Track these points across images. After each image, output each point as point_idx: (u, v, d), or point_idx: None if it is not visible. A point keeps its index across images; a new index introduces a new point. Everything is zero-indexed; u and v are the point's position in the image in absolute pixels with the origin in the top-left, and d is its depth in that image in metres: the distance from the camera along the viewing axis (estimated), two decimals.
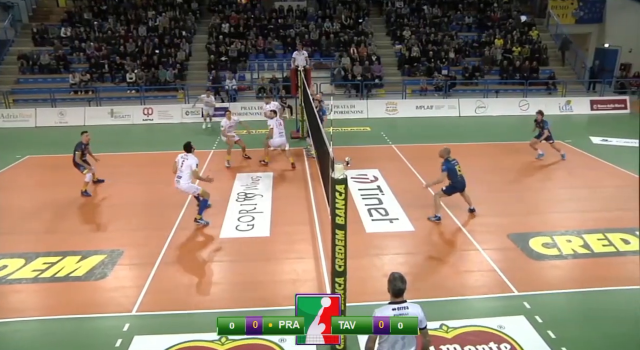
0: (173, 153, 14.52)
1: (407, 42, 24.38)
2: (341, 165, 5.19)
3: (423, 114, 20.14)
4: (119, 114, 19.51)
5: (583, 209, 10.23)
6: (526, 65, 23.19)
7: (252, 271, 7.90)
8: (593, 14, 27.34)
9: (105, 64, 22.61)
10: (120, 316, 6.69)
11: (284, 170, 12.84)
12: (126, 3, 25.92)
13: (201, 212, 9.56)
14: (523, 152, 14.01)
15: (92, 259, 8.21)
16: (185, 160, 9.22)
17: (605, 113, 20.66)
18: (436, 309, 6.81)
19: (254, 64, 23.30)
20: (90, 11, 25.28)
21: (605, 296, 7.09)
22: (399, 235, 9.17)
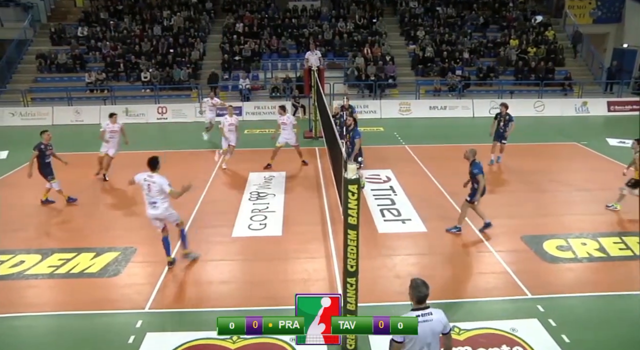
0: (187, 152, 14.81)
1: (421, 42, 24.25)
2: (354, 166, 5.19)
3: (437, 115, 20.03)
4: (133, 113, 19.72)
5: (599, 212, 10.08)
6: (541, 65, 22.92)
7: (263, 270, 7.92)
8: (612, 13, 26.91)
9: (120, 63, 22.88)
10: (133, 313, 6.76)
11: (296, 170, 12.85)
12: (141, 3, 26.21)
13: (186, 245, 8.10)
14: (537, 153, 13.85)
15: (106, 256, 8.31)
16: (151, 184, 7.41)
17: (623, 114, 20.33)
18: (448, 311, 6.73)
19: (267, 63, 23.38)
20: (106, 11, 25.61)
21: (621, 300, 6.98)
22: (411, 236, 9.13)
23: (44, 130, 10.60)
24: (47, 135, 10.43)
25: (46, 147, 10.33)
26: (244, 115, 19.70)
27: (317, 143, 15.29)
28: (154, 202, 7.52)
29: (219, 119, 13.87)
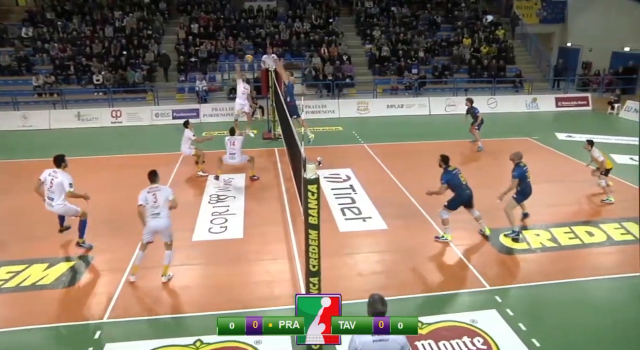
0: (144, 156, 14.43)
1: (377, 41, 24.57)
2: (313, 166, 5.20)
3: (394, 113, 20.32)
4: (86, 117, 19.02)
5: (550, 204, 10.50)
6: (493, 63, 23.68)
7: (225, 274, 7.83)
8: (556, 14, 28.24)
9: (70, 65, 22.04)
10: (91, 324, 6.54)
11: (256, 172, 12.74)
12: (91, 3, 25.32)
13: (83, 235, 8.44)
14: (492, 148, 14.30)
15: (59, 267, 7.99)
16: (54, 179, 7.87)
17: (570, 110, 21.26)
18: (410, 306, 6.91)
19: (224, 64, 23.09)
20: (52, 11, 24.60)
21: (573, 287, 7.30)
22: (372, 233, 9.23)
23: None
24: None
25: None
26: (202, 118, 19.39)
27: (276, 144, 15.23)
28: (50, 198, 8.01)
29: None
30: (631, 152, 14.14)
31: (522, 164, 8.74)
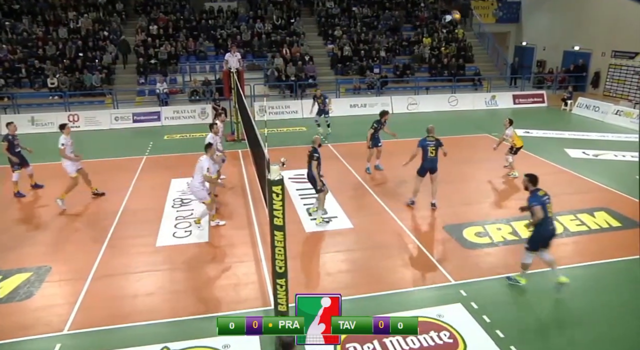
0: (103, 161, 14.00)
1: (339, 41, 24.69)
2: (277, 167, 5.17)
3: (357, 112, 20.44)
4: (40, 122, 18.28)
5: (510, 198, 10.81)
6: (453, 62, 24.19)
7: (191, 278, 7.70)
8: (511, 14, 29.15)
9: (22, 68, 21.17)
10: (50, 337, 6.29)
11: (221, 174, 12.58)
12: (42, 3, 24.40)
13: None
14: (453, 145, 14.56)
15: (15, 278, 7.66)
16: None
17: (526, 106, 21.93)
18: (377, 303, 6.96)
19: (185, 66, 22.71)
20: None
21: (535, 278, 7.50)
22: (339, 232, 9.26)
23: (10, 122, 11.22)
24: (13, 126, 11.09)
25: (14, 137, 11.01)
26: (163, 121, 18.99)
27: (239, 145, 15.08)
28: None
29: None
30: (584, 146, 14.73)
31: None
